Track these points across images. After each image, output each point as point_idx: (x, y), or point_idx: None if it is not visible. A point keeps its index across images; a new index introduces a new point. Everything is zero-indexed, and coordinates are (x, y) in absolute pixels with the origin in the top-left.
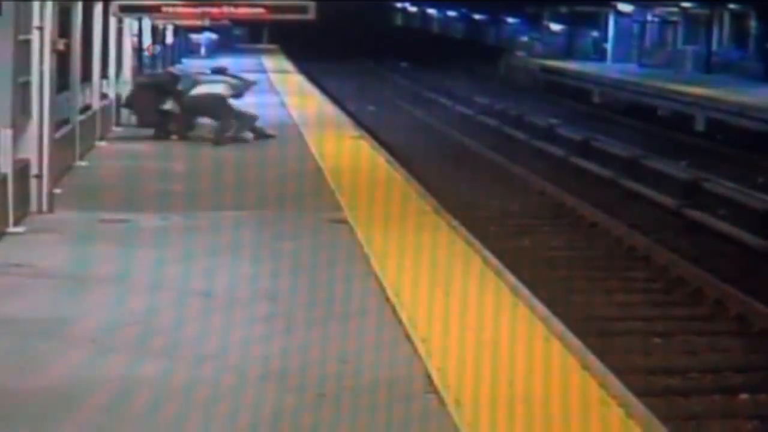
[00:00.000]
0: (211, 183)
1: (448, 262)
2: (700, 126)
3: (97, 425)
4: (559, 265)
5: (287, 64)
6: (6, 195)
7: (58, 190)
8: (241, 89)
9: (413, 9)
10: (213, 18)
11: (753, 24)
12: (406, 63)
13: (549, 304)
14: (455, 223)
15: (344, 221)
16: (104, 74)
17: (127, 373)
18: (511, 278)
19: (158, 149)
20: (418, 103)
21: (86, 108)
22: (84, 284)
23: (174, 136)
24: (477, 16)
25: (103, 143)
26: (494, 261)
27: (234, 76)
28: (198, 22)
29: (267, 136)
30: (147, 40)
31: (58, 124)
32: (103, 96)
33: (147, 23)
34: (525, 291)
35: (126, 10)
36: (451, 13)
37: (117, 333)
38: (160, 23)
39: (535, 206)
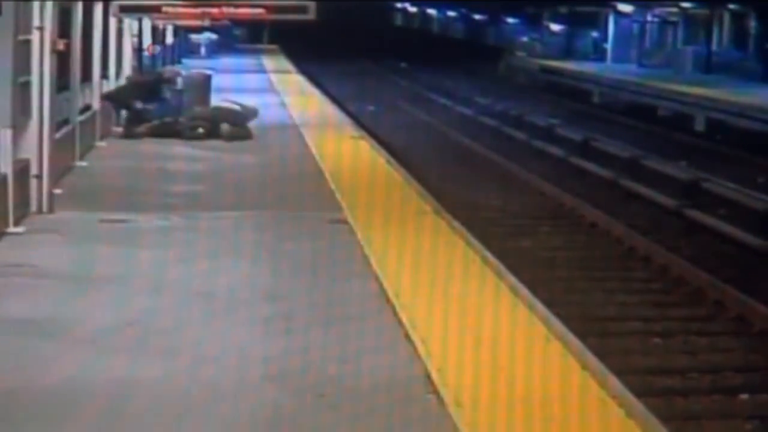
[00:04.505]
0: (212, 183)
1: (447, 262)
2: (700, 126)
3: (98, 426)
4: (559, 265)
5: (287, 65)
6: (6, 195)
7: (58, 191)
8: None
9: (413, 9)
10: (213, 18)
11: (753, 24)
12: (405, 63)
13: (549, 304)
14: (455, 223)
15: (344, 222)
16: (104, 74)
17: (128, 374)
18: (511, 279)
19: (157, 150)
20: (418, 103)
21: (86, 108)
22: (84, 285)
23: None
24: (477, 17)
25: (103, 143)
26: (494, 261)
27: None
28: (198, 22)
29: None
30: (147, 40)
31: (58, 124)
32: None
33: (147, 23)
34: (525, 291)
35: (126, 10)
36: (451, 14)
37: (117, 334)
38: (160, 23)
39: (535, 207)
